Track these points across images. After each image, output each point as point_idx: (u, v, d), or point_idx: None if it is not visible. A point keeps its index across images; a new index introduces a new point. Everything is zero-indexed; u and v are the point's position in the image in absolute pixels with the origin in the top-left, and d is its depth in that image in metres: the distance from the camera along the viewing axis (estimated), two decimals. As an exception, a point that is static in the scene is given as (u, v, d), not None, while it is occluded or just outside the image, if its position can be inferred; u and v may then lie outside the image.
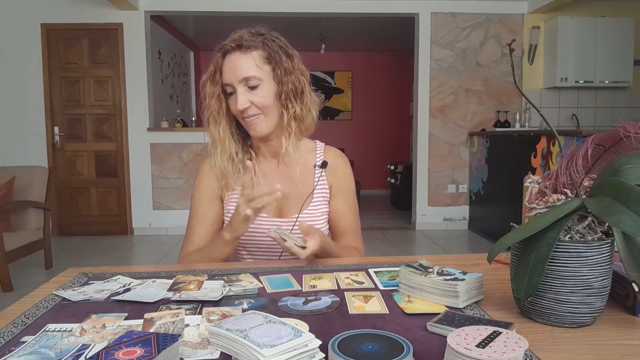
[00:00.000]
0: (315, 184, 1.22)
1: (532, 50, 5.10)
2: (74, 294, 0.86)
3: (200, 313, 0.77)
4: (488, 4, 5.02)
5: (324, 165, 1.23)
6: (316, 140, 1.29)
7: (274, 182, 1.19)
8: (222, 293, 0.85)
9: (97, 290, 0.88)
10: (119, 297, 0.84)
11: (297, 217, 1.18)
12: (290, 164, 1.21)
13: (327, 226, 1.24)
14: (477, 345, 0.55)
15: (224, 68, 1.11)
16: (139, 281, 0.93)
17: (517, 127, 4.97)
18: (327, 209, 1.23)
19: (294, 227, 1.17)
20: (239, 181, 1.17)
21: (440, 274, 0.83)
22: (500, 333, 0.59)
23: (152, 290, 0.87)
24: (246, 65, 1.09)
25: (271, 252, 1.20)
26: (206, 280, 0.94)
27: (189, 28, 6.54)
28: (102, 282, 0.94)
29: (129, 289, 0.88)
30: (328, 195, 1.24)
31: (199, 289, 0.88)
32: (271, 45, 1.11)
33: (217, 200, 1.22)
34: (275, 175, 1.21)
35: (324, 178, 1.23)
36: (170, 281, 0.93)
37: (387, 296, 0.84)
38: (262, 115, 1.11)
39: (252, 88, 1.09)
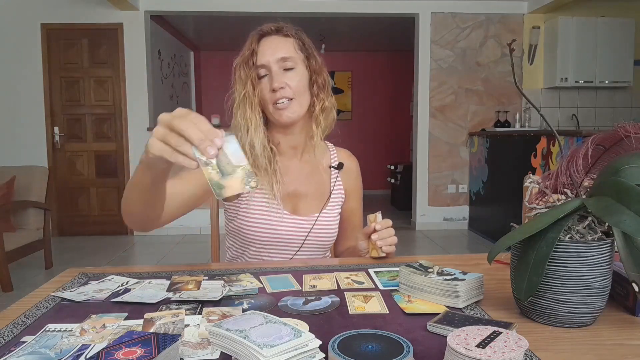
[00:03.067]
0: (333, 185, 1.23)
1: (532, 50, 5.10)
2: (72, 295, 0.86)
3: (200, 313, 0.77)
4: (488, 4, 5.02)
5: (340, 166, 1.24)
6: (326, 142, 1.30)
7: (293, 179, 1.19)
8: (222, 293, 0.85)
9: (95, 290, 0.88)
10: (119, 299, 0.83)
11: (318, 217, 1.18)
12: (309, 163, 1.21)
13: (337, 228, 1.24)
14: (477, 345, 0.55)
15: (260, 49, 1.12)
16: (135, 280, 0.93)
17: (517, 127, 4.98)
18: (340, 212, 1.25)
19: (313, 227, 1.17)
20: (265, 176, 1.12)
21: (440, 274, 0.83)
22: (500, 333, 0.59)
23: (151, 291, 0.87)
24: (285, 47, 1.12)
25: (287, 250, 1.18)
26: (206, 280, 0.94)
27: (189, 28, 6.54)
28: (97, 282, 0.93)
29: (128, 290, 0.88)
30: (343, 199, 1.26)
31: (198, 289, 0.88)
32: (306, 40, 1.16)
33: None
34: (294, 173, 1.20)
35: (340, 181, 1.25)
36: (167, 282, 0.93)
37: (387, 296, 0.84)
38: (294, 101, 1.12)
39: (287, 70, 1.11)
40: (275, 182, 1.15)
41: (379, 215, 1.08)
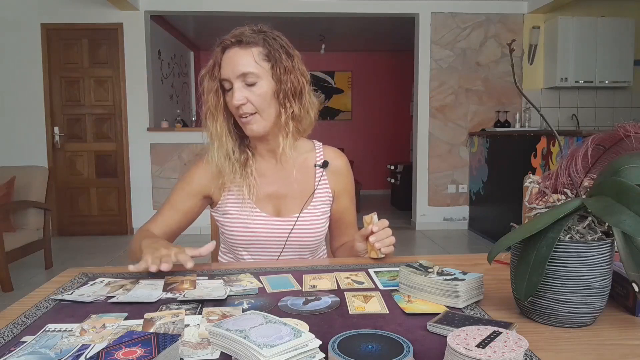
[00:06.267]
0: (317, 184, 1.22)
1: (532, 50, 5.10)
2: (71, 297, 0.85)
3: (200, 313, 0.77)
4: (488, 4, 5.02)
5: (325, 165, 1.23)
6: (314, 140, 1.29)
7: (272, 181, 1.20)
8: (226, 292, 0.85)
9: (93, 292, 0.88)
10: (114, 299, 0.83)
11: (298, 217, 1.18)
12: (288, 163, 1.20)
13: (326, 227, 1.24)
14: (477, 345, 0.55)
15: (223, 63, 1.10)
16: (125, 281, 0.93)
17: (517, 127, 4.97)
18: (328, 211, 1.24)
19: (294, 228, 1.17)
20: (235, 181, 1.17)
21: (440, 274, 0.83)
22: (500, 333, 0.59)
23: (143, 291, 0.87)
24: (245, 61, 1.07)
25: (271, 252, 1.20)
26: (206, 280, 0.94)
27: (189, 28, 6.54)
28: (89, 285, 0.93)
29: (127, 289, 0.88)
30: (330, 198, 1.24)
31: (194, 288, 0.88)
32: (272, 44, 1.10)
33: (197, 197, 1.21)
34: (273, 175, 1.21)
35: (325, 179, 1.23)
36: (160, 282, 0.92)
37: (387, 296, 0.84)
38: (257, 115, 1.10)
39: (250, 85, 1.08)
40: (250, 185, 1.16)
41: (374, 216, 1.08)
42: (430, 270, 0.84)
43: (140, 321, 0.74)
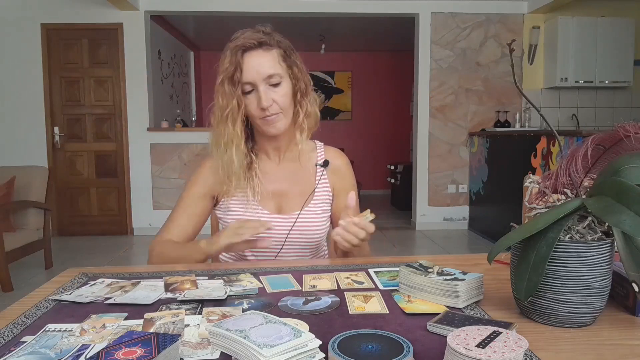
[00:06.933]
0: (317, 183, 1.23)
1: (532, 50, 5.10)
2: (69, 298, 0.85)
3: (200, 313, 0.77)
4: (488, 4, 5.02)
5: (325, 164, 1.24)
6: (315, 140, 1.30)
7: (275, 179, 1.21)
8: (227, 292, 0.85)
9: (92, 292, 0.88)
10: (111, 301, 0.83)
11: (299, 214, 1.18)
12: (291, 162, 1.22)
13: (327, 226, 1.24)
14: (477, 345, 0.55)
15: (245, 66, 1.10)
16: (125, 282, 0.93)
17: (517, 127, 4.97)
18: (329, 209, 1.24)
19: (294, 225, 1.17)
20: (240, 186, 1.17)
21: (440, 274, 0.83)
22: (500, 333, 0.59)
23: (142, 292, 0.87)
24: (270, 63, 1.10)
25: (271, 249, 1.19)
26: (205, 280, 0.94)
27: (189, 28, 6.54)
28: (89, 285, 0.92)
29: (126, 291, 0.88)
30: (330, 196, 1.25)
31: (196, 288, 0.88)
32: (283, 44, 1.14)
33: (208, 198, 1.22)
34: (277, 173, 1.22)
35: (326, 178, 1.24)
36: (159, 282, 0.92)
37: (387, 296, 0.84)
38: (281, 114, 1.13)
39: (274, 86, 1.11)
40: (254, 187, 1.18)
41: (367, 212, 1.03)
42: (430, 270, 0.85)
43: (140, 321, 0.74)
